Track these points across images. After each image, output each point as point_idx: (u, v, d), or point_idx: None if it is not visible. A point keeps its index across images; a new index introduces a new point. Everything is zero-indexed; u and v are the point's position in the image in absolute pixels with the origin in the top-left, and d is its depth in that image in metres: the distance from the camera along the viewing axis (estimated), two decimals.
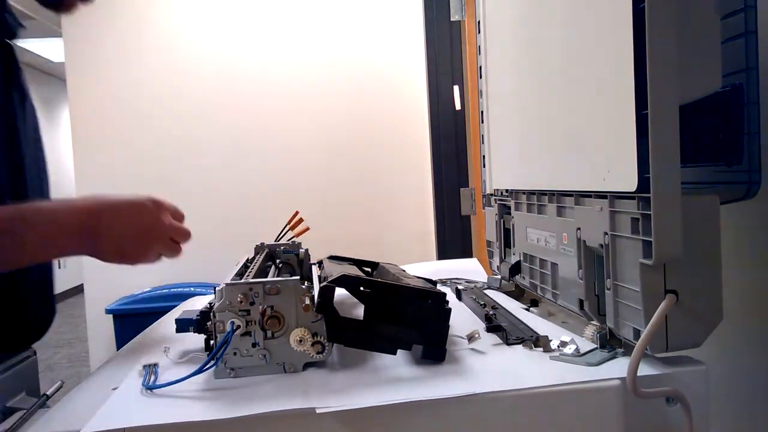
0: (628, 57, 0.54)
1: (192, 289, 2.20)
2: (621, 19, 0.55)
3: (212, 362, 0.55)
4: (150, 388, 0.55)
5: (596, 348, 0.61)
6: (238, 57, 2.38)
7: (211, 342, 0.59)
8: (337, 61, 2.41)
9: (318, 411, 0.49)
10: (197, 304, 0.92)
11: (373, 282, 0.60)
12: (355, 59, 2.41)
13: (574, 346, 0.60)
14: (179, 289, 2.22)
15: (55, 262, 0.84)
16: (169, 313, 0.94)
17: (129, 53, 2.35)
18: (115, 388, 0.57)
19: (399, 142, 2.43)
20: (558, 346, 0.62)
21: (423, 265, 1.21)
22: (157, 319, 0.91)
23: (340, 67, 2.41)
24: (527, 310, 0.82)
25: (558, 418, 0.52)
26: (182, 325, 0.62)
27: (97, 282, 2.36)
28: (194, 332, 0.62)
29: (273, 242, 0.96)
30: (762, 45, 0.62)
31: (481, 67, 1.04)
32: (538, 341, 0.63)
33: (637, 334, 0.56)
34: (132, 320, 2.16)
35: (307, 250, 0.95)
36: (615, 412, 0.52)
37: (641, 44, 0.52)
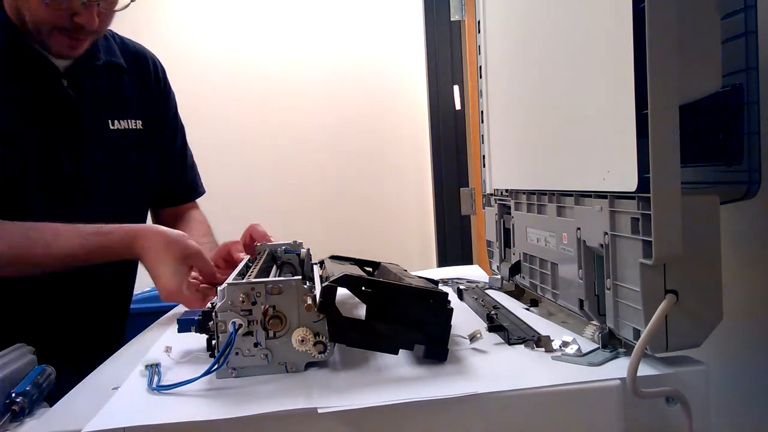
0: (628, 57, 0.54)
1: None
2: (621, 19, 0.55)
3: (217, 365, 0.55)
4: (156, 389, 0.55)
5: (598, 348, 0.61)
6: (239, 60, 2.38)
7: (213, 342, 0.59)
8: (336, 61, 2.41)
9: (320, 411, 0.49)
10: None
11: (375, 282, 0.60)
12: (355, 59, 2.41)
13: (576, 346, 0.60)
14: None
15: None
16: (169, 312, 0.94)
17: None
18: (115, 388, 0.57)
19: (399, 141, 2.44)
20: (560, 346, 0.62)
21: (425, 273, 1.20)
22: (157, 319, 0.91)
23: (339, 67, 2.41)
24: (528, 309, 0.82)
25: (558, 417, 0.52)
26: (184, 325, 0.62)
27: None
28: (196, 332, 0.62)
29: (274, 242, 0.96)
30: (762, 45, 0.63)
31: (481, 67, 1.04)
32: (539, 341, 0.63)
33: (637, 334, 0.56)
34: (132, 320, 2.15)
35: (308, 249, 0.95)
36: (615, 412, 0.52)
37: (641, 44, 0.52)
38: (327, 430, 0.50)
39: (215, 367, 0.55)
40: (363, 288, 0.59)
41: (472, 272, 1.18)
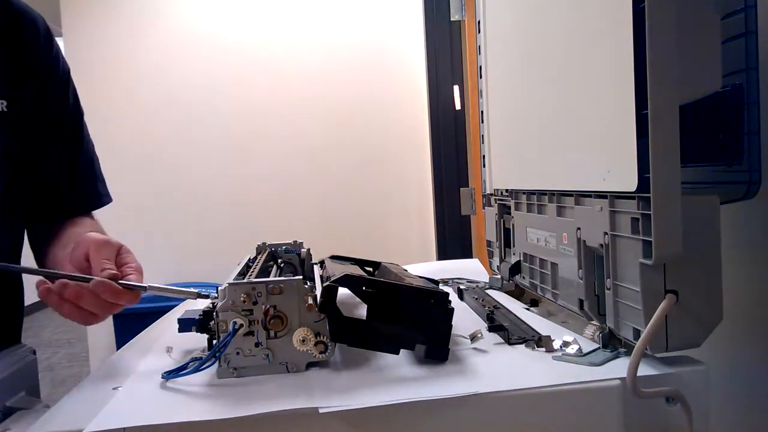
0: (628, 57, 0.54)
1: (192, 289, 2.20)
2: (621, 19, 0.55)
3: (214, 359, 0.55)
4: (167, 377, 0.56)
5: (599, 348, 0.61)
6: (239, 59, 2.39)
7: (214, 341, 0.59)
8: (336, 60, 2.41)
9: (321, 411, 0.49)
10: (198, 303, 0.92)
11: (377, 282, 0.60)
12: (355, 59, 2.41)
13: (577, 346, 0.60)
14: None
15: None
16: (169, 312, 0.94)
17: (129, 54, 2.36)
18: (115, 388, 0.57)
19: (399, 142, 2.44)
20: (561, 346, 0.62)
21: (425, 265, 1.21)
22: (157, 318, 0.91)
23: (339, 67, 2.41)
24: (528, 309, 0.82)
25: (558, 417, 0.52)
26: (185, 325, 0.62)
27: None
28: (197, 332, 0.62)
29: (274, 242, 0.96)
30: (762, 45, 0.63)
31: (481, 67, 1.04)
32: (540, 341, 0.63)
33: (637, 334, 0.56)
34: (132, 320, 2.15)
35: (308, 249, 0.95)
36: (615, 412, 0.52)
37: (641, 44, 0.52)
38: (328, 430, 0.50)
39: (211, 361, 0.55)
40: (364, 288, 0.59)
41: (471, 265, 1.18)
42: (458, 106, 2.26)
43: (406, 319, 0.59)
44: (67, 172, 0.89)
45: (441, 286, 0.79)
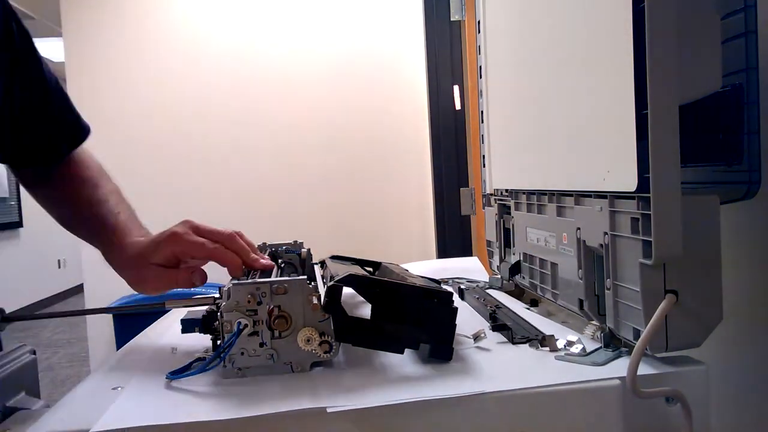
0: (628, 57, 0.54)
1: (192, 288, 2.20)
2: (621, 19, 0.55)
3: (219, 359, 0.55)
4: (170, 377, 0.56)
5: (600, 347, 0.61)
6: (238, 58, 2.38)
7: (218, 342, 0.59)
8: (336, 61, 2.41)
9: (329, 411, 0.49)
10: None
11: (381, 281, 0.60)
12: (355, 59, 2.41)
13: (581, 346, 0.60)
14: (179, 289, 2.22)
15: None
16: (169, 312, 0.94)
17: (129, 53, 2.36)
18: (115, 388, 0.57)
19: (399, 142, 2.44)
20: (565, 346, 0.62)
21: (424, 264, 1.21)
22: (157, 318, 0.91)
23: (339, 67, 2.41)
24: (528, 309, 0.82)
25: (558, 417, 0.52)
26: (188, 326, 0.62)
27: (97, 282, 2.36)
28: (200, 332, 0.62)
29: (274, 242, 0.96)
30: (762, 45, 0.63)
31: (481, 67, 1.04)
32: (544, 340, 0.63)
33: (636, 334, 0.56)
34: (132, 320, 2.15)
35: (309, 249, 0.95)
36: (615, 412, 0.52)
37: (641, 44, 0.52)
38: (335, 430, 0.50)
39: (216, 361, 0.55)
40: (369, 288, 0.59)
41: (470, 263, 1.18)
42: (458, 106, 2.26)
43: (411, 318, 0.59)
44: (44, 107, 0.83)
45: (442, 286, 0.79)
